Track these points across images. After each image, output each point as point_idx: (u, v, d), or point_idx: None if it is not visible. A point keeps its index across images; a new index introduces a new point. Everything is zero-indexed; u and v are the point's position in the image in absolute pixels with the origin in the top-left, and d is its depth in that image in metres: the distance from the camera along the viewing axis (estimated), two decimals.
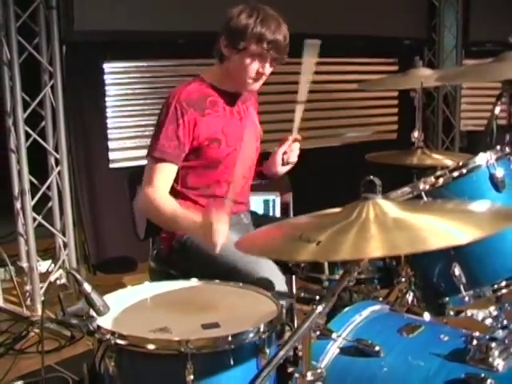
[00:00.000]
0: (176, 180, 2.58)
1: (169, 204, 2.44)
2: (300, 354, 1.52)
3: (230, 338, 1.72)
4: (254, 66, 2.49)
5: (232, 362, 1.75)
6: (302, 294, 1.44)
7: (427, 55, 5.92)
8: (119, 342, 1.72)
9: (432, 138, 6.05)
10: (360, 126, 5.60)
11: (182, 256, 2.60)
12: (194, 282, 2.16)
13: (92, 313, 1.76)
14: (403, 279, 2.46)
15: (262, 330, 1.77)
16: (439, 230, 1.43)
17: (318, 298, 1.41)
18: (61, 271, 4.19)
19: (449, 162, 2.63)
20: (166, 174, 2.49)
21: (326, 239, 1.41)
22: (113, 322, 1.83)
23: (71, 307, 1.75)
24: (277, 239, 1.48)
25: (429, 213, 1.54)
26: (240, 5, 2.52)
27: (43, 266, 4.19)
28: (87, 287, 1.74)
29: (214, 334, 1.75)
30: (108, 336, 1.74)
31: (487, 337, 1.70)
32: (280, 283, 2.28)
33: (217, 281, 2.15)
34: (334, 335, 1.82)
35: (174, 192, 2.56)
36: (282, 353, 1.32)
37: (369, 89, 4.44)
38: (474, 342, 1.68)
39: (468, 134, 6.05)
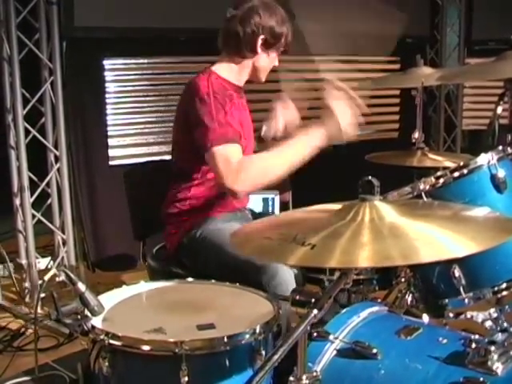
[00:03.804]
0: (197, 170, 2.60)
1: (263, 159, 2.37)
2: None
3: (225, 340, 1.71)
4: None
5: (227, 364, 1.74)
6: (298, 297, 1.41)
7: (430, 54, 5.89)
8: (113, 342, 1.71)
9: (434, 137, 6.02)
10: (361, 124, 5.55)
11: (191, 251, 2.62)
12: (189, 281, 2.14)
13: (86, 312, 1.74)
14: (402, 280, 2.44)
15: (257, 331, 1.75)
16: (434, 242, 1.39)
17: (313, 300, 1.37)
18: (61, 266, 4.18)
19: (449, 164, 2.60)
20: (236, 153, 2.38)
21: (319, 242, 1.38)
22: (107, 321, 1.81)
23: (65, 307, 1.73)
24: (271, 239, 1.46)
25: (425, 220, 1.50)
26: (259, 1, 2.59)
27: (42, 262, 4.17)
28: (81, 286, 1.72)
29: (210, 335, 1.74)
30: (102, 336, 1.72)
31: (486, 340, 1.67)
32: (290, 284, 2.30)
33: (213, 281, 2.13)
34: (331, 337, 1.80)
35: (189, 179, 2.61)
36: (275, 357, 1.29)
37: (369, 88, 4.38)
38: (473, 345, 1.66)
39: (470, 134, 6.02)
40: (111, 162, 4.41)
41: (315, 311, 1.37)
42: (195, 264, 2.59)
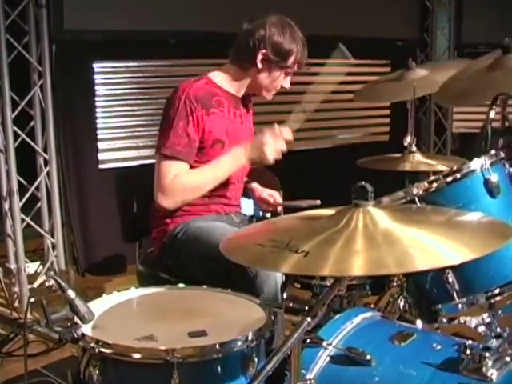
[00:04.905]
0: None
1: (194, 175, 2.53)
2: None
3: (217, 347, 1.68)
4: (282, 81, 2.64)
5: (220, 371, 1.71)
6: (291, 304, 1.39)
7: (420, 57, 5.90)
8: (104, 350, 1.68)
9: (424, 140, 6.03)
10: (352, 127, 5.57)
11: (173, 251, 2.61)
12: (181, 287, 2.12)
13: (76, 320, 1.72)
14: (395, 284, 2.43)
15: (250, 338, 1.73)
16: (429, 249, 1.37)
17: (307, 308, 1.35)
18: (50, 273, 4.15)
19: (442, 168, 2.59)
20: (178, 172, 2.49)
21: (312, 249, 1.36)
22: (97, 329, 1.79)
23: (55, 314, 1.70)
24: (263, 246, 1.43)
25: (419, 226, 1.48)
26: (273, 18, 2.59)
27: (31, 267, 4.15)
28: (71, 294, 1.70)
29: (201, 342, 1.71)
30: (92, 344, 1.69)
31: (481, 346, 1.66)
32: (272, 285, 2.28)
33: (204, 286, 2.11)
34: (324, 343, 1.79)
35: None
36: (269, 366, 1.28)
37: (364, 100, 4.30)
38: (468, 352, 1.65)
39: (460, 136, 6.04)
40: (101, 166, 4.38)
41: (309, 319, 1.35)
42: (178, 264, 2.59)
